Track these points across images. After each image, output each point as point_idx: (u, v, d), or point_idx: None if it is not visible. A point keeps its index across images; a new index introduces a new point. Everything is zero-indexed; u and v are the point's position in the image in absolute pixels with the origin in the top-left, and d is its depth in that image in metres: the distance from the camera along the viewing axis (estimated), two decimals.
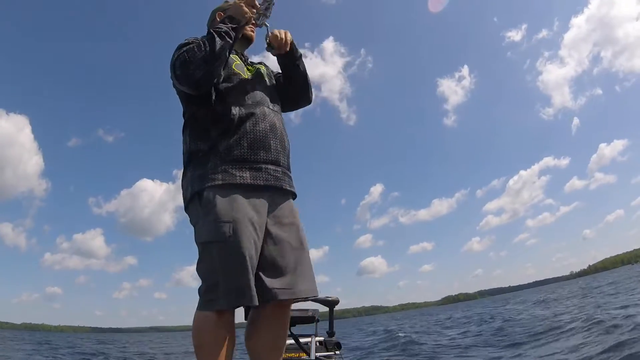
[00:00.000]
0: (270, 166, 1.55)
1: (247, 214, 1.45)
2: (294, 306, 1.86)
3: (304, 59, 1.81)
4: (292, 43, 1.72)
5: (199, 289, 1.45)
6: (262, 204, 1.51)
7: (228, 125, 1.52)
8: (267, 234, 1.51)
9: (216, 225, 1.40)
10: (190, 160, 1.55)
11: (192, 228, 1.54)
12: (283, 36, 1.68)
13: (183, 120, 1.66)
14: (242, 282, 1.38)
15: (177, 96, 1.66)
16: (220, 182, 1.45)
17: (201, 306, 1.43)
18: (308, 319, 2.78)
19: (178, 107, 1.70)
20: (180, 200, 1.63)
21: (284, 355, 2.54)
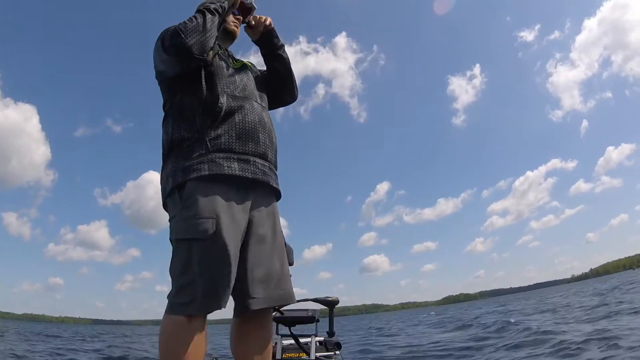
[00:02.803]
0: (258, 160, 1.48)
1: (231, 211, 1.36)
2: (294, 306, 1.81)
3: (316, 55, 1.88)
4: (272, 30, 1.75)
5: (169, 293, 1.33)
6: (247, 201, 1.44)
7: (216, 115, 1.44)
8: (247, 234, 1.42)
9: (197, 221, 1.30)
10: (172, 150, 1.46)
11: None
12: (263, 19, 1.73)
13: (163, 113, 1.57)
14: (221, 285, 1.30)
15: (159, 86, 1.58)
16: (206, 173, 1.36)
17: (170, 309, 1.30)
18: (308, 319, 2.74)
19: None
20: None
21: (284, 356, 2.57)
